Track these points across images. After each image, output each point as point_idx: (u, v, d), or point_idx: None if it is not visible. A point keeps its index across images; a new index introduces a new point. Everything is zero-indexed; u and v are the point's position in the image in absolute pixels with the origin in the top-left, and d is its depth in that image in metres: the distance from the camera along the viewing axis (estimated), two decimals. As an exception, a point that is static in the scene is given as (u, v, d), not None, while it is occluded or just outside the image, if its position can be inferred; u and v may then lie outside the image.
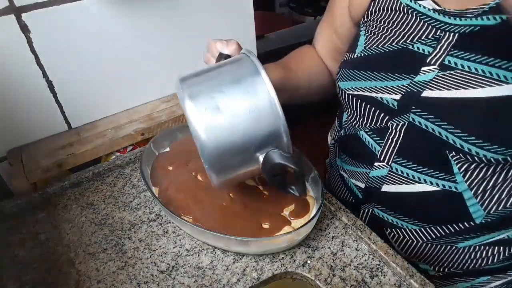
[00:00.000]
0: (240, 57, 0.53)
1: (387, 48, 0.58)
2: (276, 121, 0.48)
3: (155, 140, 0.70)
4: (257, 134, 0.48)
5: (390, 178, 0.60)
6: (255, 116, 0.47)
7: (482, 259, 0.61)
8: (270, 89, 0.48)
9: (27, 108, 0.76)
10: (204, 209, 0.60)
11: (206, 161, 0.48)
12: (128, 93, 0.88)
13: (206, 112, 0.46)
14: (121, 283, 0.55)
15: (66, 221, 0.65)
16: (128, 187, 0.71)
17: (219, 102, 0.47)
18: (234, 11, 0.94)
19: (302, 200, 0.61)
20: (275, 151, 0.48)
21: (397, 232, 0.64)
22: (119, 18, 0.78)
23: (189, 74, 0.51)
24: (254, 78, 0.48)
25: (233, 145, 0.47)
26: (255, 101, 0.47)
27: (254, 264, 0.57)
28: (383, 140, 0.59)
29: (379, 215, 0.65)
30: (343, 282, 0.54)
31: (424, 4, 0.54)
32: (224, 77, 0.49)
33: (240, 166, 0.50)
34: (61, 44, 0.74)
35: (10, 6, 0.67)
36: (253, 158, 0.49)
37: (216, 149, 0.47)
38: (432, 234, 0.61)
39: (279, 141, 0.49)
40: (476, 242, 0.59)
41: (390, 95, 0.56)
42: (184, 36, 0.89)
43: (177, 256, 0.58)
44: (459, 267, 0.63)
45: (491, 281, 0.64)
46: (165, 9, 0.83)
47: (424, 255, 0.64)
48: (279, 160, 0.48)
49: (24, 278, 0.56)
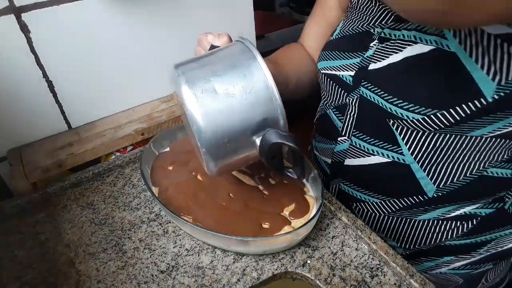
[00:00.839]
0: (233, 44, 0.53)
1: (354, 30, 0.63)
2: (272, 103, 0.48)
3: (155, 140, 0.70)
4: (254, 117, 0.48)
5: (351, 151, 0.65)
6: (252, 99, 0.47)
7: (441, 233, 0.64)
8: (266, 72, 0.48)
9: (27, 108, 0.76)
10: (204, 209, 0.60)
11: (203, 145, 0.47)
12: (128, 93, 0.88)
13: (202, 95, 0.46)
14: (121, 283, 0.55)
15: (66, 221, 0.65)
16: (128, 187, 0.71)
17: (216, 85, 0.47)
18: (234, 11, 0.94)
19: (302, 200, 0.61)
20: (272, 130, 0.48)
21: (361, 205, 0.68)
22: (119, 18, 0.78)
23: (184, 61, 0.51)
24: (249, 61, 0.48)
25: (231, 128, 0.47)
26: (251, 84, 0.47)
27: (254, 264, 0.57)
28: (343, 116, 0.64)
29: (345, 190, 0.70)
30: (343, 282, 0.54)
31: None
32: (220, 62, 0.49)
33: (238, 150, 0.50)
34: (61, 44, 0.74)
35: (10, 6, 0.67)
36: (250, 141, 0.49)
37: (214, 132, 0.46)
38: (392, 207, 0.65)
39: (276, 124, 0.49)
40: (433, 215, 0.63)
41: (347, 71, 0.62)
42: (184, 36, 0.89)
43: (177, 256, 0.58)
44: (422, 243, 0.66)
45: (455, 260, 0.67)
46: (165, 9, 0.83)
47: (388, 230, 0.68)
48: (277, 139, 0.48)
49: (24, 278, 0.56)
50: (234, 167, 0.57)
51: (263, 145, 0.49)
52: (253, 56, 0.49)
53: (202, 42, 0.61)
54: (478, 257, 0.66)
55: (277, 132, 0.48)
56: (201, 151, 0.48)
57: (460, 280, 0.69)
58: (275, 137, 0.48)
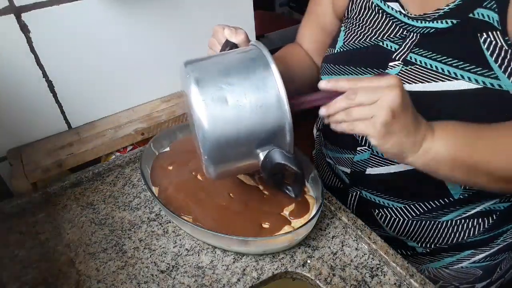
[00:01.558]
0: (250, 49, 0.51)
1: (362, 44, 0.62)
2: (282, 119, 0.47)
3: (155, 140, 0.70)
4: (261, 130, 0.47)
5: (373, 161, 0.64)
6: (262, 112, 0.46)
7: (464, 231, 0.64)
8: (280, 86, 0.46)
9: (27, 108, 0.76)
10: (204, 209, 0.60)
11: (205, 152, 0.47)
12: (128, 93, 0.88)
13: (212, 103, 0.45)
14: (121, 282, 0.55)
15: (66, 221, 0.65)
16: (128, 187, 0.71)
17: (227, 94, 0.45)
18: (234, 11, 0.94)
19: (302, 200, 0.61)
20: (277, 150, 0.48)
21: (384, 211, 0.67)
22: (119, 18, 0.78)
23: (195, 59, 0.49)
24: (264, 72, 0.47)
25: (236, 139, 0.46)
26: (263, 97, 0.46)
27: (254, 264, 0.57)
28: None
29: (366, 197, 0.68)
30: (343, 282, 0.54)
31: (392, 6, 0.59)
32: (234, 68, 0.48)
33: (239, 160, 0.49)
34: (61, 44, 0.74)
35: (10, 6, 0.67)
36: (254, 153, 0.48)
37: (218, 141, 0.46)
38: (416, 210, 0.64)
39: (282, 140, 0.48)
40: (456, 215, 0.63)
41: None
42: (184, 35, 0.88)
43: (177, 256, 0.58)
44: (443, 242, 0.66)
45: (475, 254, 0.67)
46: (165, 9, 0.83)
47: (410, 232, 0.67)
48: (281, 160, 0.47)
49: (24, 278, 0.56)
50: (234, 174, 0.56)
51: (266, 162, 0.48)
52: (268, 66, 0.47)
53: (218, 35, 0.59)
54: (496, 247, 0.67)
55: (282, 153, 0.47)
56: (203, 157, 0.48)
57: (480, 272, 0.70)
58: (279, 158, 0.47)
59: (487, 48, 0.50)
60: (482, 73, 0.50)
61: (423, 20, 0.55)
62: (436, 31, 0.54)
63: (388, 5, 0.59)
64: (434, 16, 0.54)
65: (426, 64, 0.55)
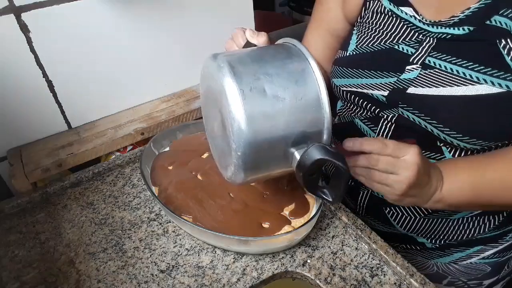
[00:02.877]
0: (285, 44, 0.49)
1: (376, 47, 0.61)
2: (320, 115, 0.44)
3: (155, 140, 0.70)
4: (298, 127, 0.43)
5: None
6: (301, 107, 0.43)
7: (474, 228, 0.64)
8: (320, 80, 0.44)
9: (27, 108, 0.76)
10: (204, 209, 0.60)
11: (239, 148, 0.42)
12: (128, 93, 0.88)
13: (251, 93, 0.41)
14: (121, 282, 0.55)
15: (66, 221, 0.65)
16: (128, 186, 0.71)
17: (266, 85, 0.42)
18: (234, 11, 0.94)
19: (302, 199, 0.61)
20: (318, 145, 0.44)
21: (395, 209, 0.66)
22: (119, 17, 0.78)
23: (222, 52, 0.46)
24: (303, 67, 0.45)
25: (272, 135, 0.43)
26: (303, 91, 0.43)
27: (254, 264, 0.57)
28: (377, 126, 0.62)
29: (378, 195, 0.67)
30: (343, 282, 0.54)
31: (405, 11, 0.58)
32: (270, 61, 0.45)
33: (273, 160, 0.45)
34: (61, 44, 0.74)
35: (10, 6, 0.67)
36: (288, 153, 0.45)
37: (255, 137, 0.42)
38: (427, 209, 0.63)
39: (319, 138, 0.45)
40: (467, 213, 0.63)
41: (379, 91, 0.59)
42: (184, 35, 0.88)
43: (177, 256, 0.58)
44: (454, 238, 0.66)
45: (484, 250, 0.67)
46: (166, 9, 0.83)
47: (421, 229, 0.67)
48: (323, 155, 0.43)
49: (24, 277, 0.56)
50: (262, 178, 0.51)
51: (305, 159, 0.44)
52: (306, 60, 0.45)
53: (237, 37, 0.57)
54: (505, 244, 0.67)
55: (324, 148, 0.43)
56: (235, 154, 0.43)
57: (488, 268, 0.70)
58: (321, 153, 0.43)
59: (507, 54, 0.49)
60: (505, 77, 0.50)
61: (439, 25, 0.54)
62: (452, 37, 0.53)
63: (401, 10, 0.58)
64: (449, 23, 0.53)
65: (446, 68, 0.54)
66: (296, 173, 0.46)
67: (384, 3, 0.60)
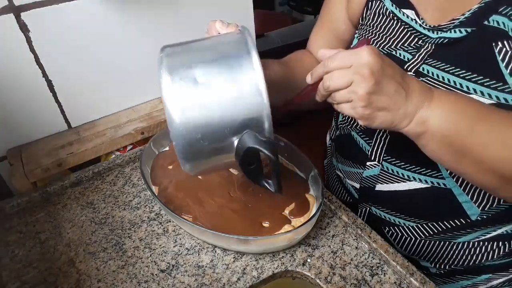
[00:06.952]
0: (232, 33, 0.49)
1: None
2: (258, 102, 0.43)
3: (155, 139, 0.70)
4: (235, 114, 0.42)
5: (382, 177, 0.62)
6: (235, 93, 0.42)
7: (482, 254, 0.62)
8: (257, 66, 0.43)
9: (27, 107, 0.76)
10: (204, 208, 0.60)
11: (172, 138, 0.43)
12: (128, 92, 0.88)
13: (180, 82, 0.42)
14: (121, 282, 0.55)
15: (66, 220, 0.65)
16: (128, 186, 0.71)
17: (197, 73, 0.42)
18: (234, 10, 0.94)
19: (302, 198, 0.61)
20: (250, 133, 0.43)
21: (395, 230, 0.65)
22: (119, 17, 0.78)
23: (173, 43, 0.47)
24: (241, 52, 0.44)
25: (206, 124, 0.42)
26: (237, 76, 0.42)
27: (254, 263, 0.57)
28: (372, 140, 0.62)
29: (377, 214, 0.66)
30: (343, 281, 0.54)
31: (407, 13, 0.57)
32: (210, 49, 0.45)
33: (213, 150, 0.45)
34: (60, 43, 0.74)
35: (9, 5, 0.66)
36: (229, 142, 0.44)
37: (185, 126, 0.42)
38: (429, 230, 0.62)
39: (260, 126, 0.44)
40: (474, 237, 0.60)
41: None
42: (183, 35, 0.88)
43: (177, 255, 0.58)
44: (459, 264, 0.63)
45: (492, 279, 0.64)
46: (165, 9, 0.83)
47: (424, 252, 0.65)
48: (252, 144, 0.42)
49: (24, 277, 0.56)
50: (211, 169, 0.50)
51: (239, 148, 0.43)
52: (246, 45, 0.44)
53: (211, 30, 0.58)
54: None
55: (254, 136, 0.42)
56: (175, 146, 0.44)
57: None
58: (251, 141, 0.42)
59: (502, 59, 0.48)
60: (495, 87, 0.49)
61: (438, 30, 0.54)
62: (450, 41, 0.53)
63: (403, 13, 0.58)
64: (449, 27, 0.53)
65: (438, 76, 0.53)
66: (237, 163, 0.45)
67: (386, 4, 0.60)
